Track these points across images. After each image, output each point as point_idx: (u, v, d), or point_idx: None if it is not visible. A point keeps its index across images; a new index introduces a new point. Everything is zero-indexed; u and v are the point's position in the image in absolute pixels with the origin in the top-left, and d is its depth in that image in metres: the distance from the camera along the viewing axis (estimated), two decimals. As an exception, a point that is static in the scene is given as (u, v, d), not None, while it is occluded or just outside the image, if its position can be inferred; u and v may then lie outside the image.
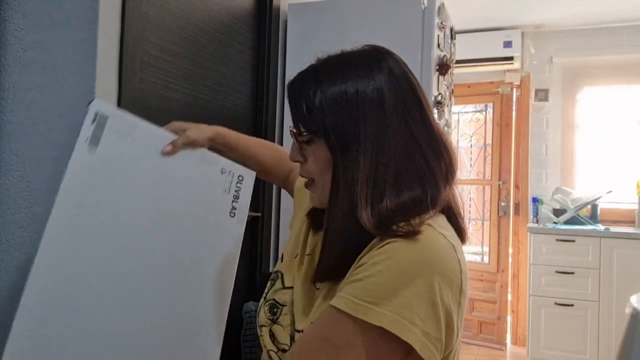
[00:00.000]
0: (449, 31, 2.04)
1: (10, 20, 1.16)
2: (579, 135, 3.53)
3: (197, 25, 1.56)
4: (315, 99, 0.65)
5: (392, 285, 0.57)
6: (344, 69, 0.68)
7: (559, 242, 3.02)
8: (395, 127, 0.64)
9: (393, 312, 0.56)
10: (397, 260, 0.58)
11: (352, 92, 0.64)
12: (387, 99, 0.64)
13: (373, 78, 0.66)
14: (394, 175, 0.63)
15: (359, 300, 0.57)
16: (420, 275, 0.57)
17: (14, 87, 1.16)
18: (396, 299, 0.56)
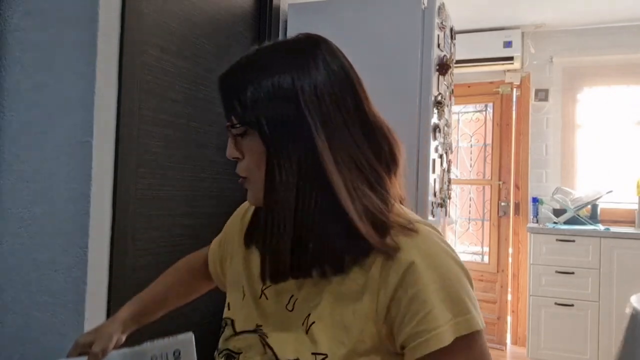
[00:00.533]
0: (449, 31, 2.04)
1: (10, 20, 1.16)
2: (579, 135, 3.53)
3: (197, 25, 1.56)
4: (247, 91, 0.63)
5: (456, 288, 0.61)
6: (277, 59, 0.65)
7: (559, 242, 3.02)
8: (329, 118, 0.63)
9: (476, 311, 0.61)
10: (440, 264, 0.61)
11: (286, 83, 0.62)
12: (321, 90, 0.63)
13: (307, 68, 0.64)
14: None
15: (453, 317, 0.59)
16: (461, 270, 0.63)
17: (14, 88, 1.16)
18: (469, 297, 0.61)
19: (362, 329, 0.62)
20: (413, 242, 0.62)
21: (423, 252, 0.61)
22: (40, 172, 1.13)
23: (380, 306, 0.61)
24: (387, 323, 0.61)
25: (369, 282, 0.62)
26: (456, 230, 3.77)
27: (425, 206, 1.77)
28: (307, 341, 0.64)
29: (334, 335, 0.63)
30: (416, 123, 1.80)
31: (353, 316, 0.62)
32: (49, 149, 1.13)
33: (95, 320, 1.11)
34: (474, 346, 0.61)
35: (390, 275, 0.61)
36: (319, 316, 0.64)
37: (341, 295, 0.64)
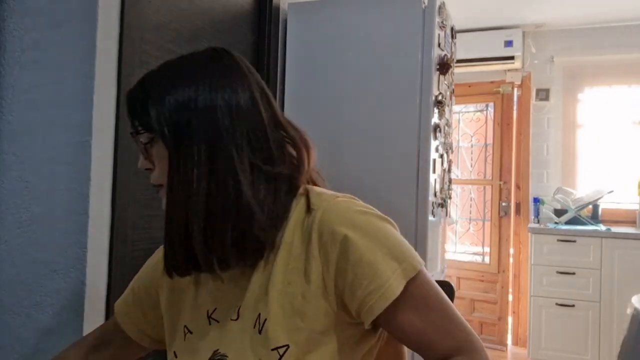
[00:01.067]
0: (449, 30, 2.04)
1: (9, 20, 1.16)
2: (580, 135, 3.53)
3: (197, 25, 1.56)
4: (153, 101, 0.68)
5: (391, 239, 0.66)
6: (182, 71, 0.70)
7: (560, 242, 3.02)
8: (231, 129, 0.66)
9: (414, 252, 0.66)
10: (367, 225, 0.66)
11: (189, 94, 0.67)
12: (222, 101, 0.67)
13: (210, 79, 0.68)
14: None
15: (398, 265, 0.63)
16: (386, 222, 0.69)
17: (13, 87, 1.16)
18: (403, 242, 0.67)
19: (315, 309, 0.65)
20: (335, 216, 0.66)
21: (348, 221, 0.65)
22: (40, 172, 1.13)
23: (327, 282, 0.65)
24: (337, 296, 0.65)
25: (311, 262, 0.65)
26: (457, 230, 3.77)
27: (426, 206, 1.77)
28: (263, 340, 0.65)
29: (288, 324, 0.65)
30: (416, 123, 1.80)
31: (303, 300, 0.65)
32: (48, 149, 1.13)
33: (94, 320, 1.11)
34: (424, 283, 0.66)
35: (329, 252, 0.64)
36: (269, 312, 0.65)
37: (286, 284, 0.66)
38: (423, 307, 0.65)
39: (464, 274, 3.63)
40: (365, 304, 0.63)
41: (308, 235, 0.66)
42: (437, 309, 0.65)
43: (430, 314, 0.64)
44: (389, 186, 1.81)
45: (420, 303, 0.65)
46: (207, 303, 0.73)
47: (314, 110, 1.94)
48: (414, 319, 0.64)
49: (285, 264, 0.67)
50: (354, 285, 0.63)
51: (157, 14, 1.37)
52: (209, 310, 0.72)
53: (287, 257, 0.67)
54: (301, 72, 1.97)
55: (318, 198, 0.69)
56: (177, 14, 1.46)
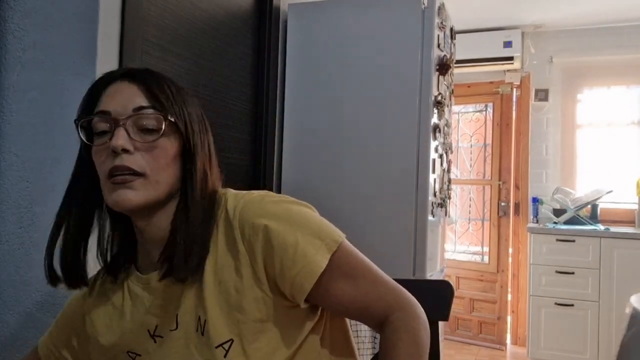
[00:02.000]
0: (449, 31, 2.04)
1: (10, 20, 1.16)
2: (579, 136, 3.53)
3: (197, 25, 1.56)
4: (173, 92, 0.72)
5: (309, 220, 0.69)
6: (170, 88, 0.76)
7: (559, 242, 3.02)
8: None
9: (333, 226, 0.70)
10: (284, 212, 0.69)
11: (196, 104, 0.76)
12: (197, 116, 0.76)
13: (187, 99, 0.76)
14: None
15: (320, 241, 0.66)
16: (301, 205, 0.72)
17: (13, 87, 1.16)
18: (321, 221, 0.70)
19: (251, 300, 0.66)
20: (252, 210, 0.68)
21: (265, 212, 0.68)
22: (40, 172, 1.13)
23: (258, 271, 0.67)
24: (270, 282, 0.67)
25: (240, 258, 0.67)
26: (456, 230, 3.77)
27: (425, 206, 1.78)
28: (206, 340, 0.66)
29: (228, 319, 0.66)
30: (416, 123, 1.80)
31: (237, 294, 0.67)
32: (49, 149, 1.13)
33: (95, 320, 1.11)
34: (347, 253, 0.68)
35: (254, 244, 0.67)
36: (207, 312, 0.67)
37: (217, 283, 0.67)
38: (351, 276, 0.67)
39: (464, 274, 3.64)
40: (296, 284, 0.65)
41: (230, 233, 0.68)
42: (365, 276, 0.68)
43: (359, 280, 0.68)
44: (388, 186, 1.81)
45: (348, 272, 0.67)
46: (146, 322, 0.72)
47: (313, 110, 1.95)
48: (345, 288, 0.67)
49: (213, 266, 0.68)
50: (282, 269, 0.65)
51: (157, 14, 1.37)
52: (149, 330, 0.72)
53: (214, 259, 0.68)
54: (301, 72, 1.97)
55: (234, 198, 0.71)
56: (177, 14, 1.46)
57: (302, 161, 1.94)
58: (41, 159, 1.13)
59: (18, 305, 1.14)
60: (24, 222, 1.14)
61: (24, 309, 1.13)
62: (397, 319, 0.66)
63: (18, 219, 1.14)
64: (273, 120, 1.96)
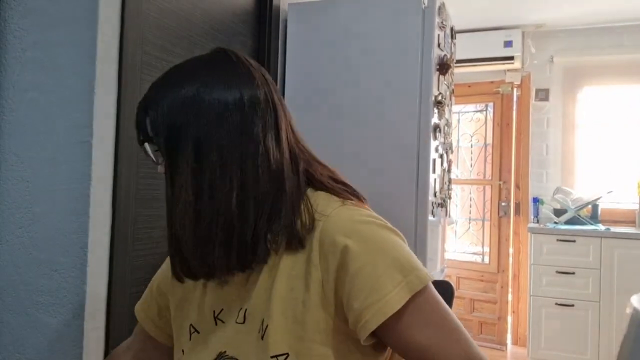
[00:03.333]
0: (449, 31, 2.04)
1: (10, 20, 1.16)
2: (580, 135, 3.53)
3: (197, 25, 1.56)
4: (150, 108, 0.67)
5: (397, 251, 0.63)
6: (178, 74, 0.68)
7: (559, 242, 3.02)
8: (226, 131, 0.64)
9: (422, 266, 0.63)
10: (371, 236, 0.63)
11: (180, 96, 0.65)
12: (217, 102, 0.64)
13: (205, 80, 0.65)
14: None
15: (402, 277, 0.60)
16: (392, 232, 0.66)
17: (13, 87, 1.16)
18: (410, 255, 0.63)
19: (315, 318, 0.63)
20: (337, 225, 0.64)
21: (350, 231, 0.63)
22: (40, 172, 1.13)
23: (327, 291, 0.62)
24: (337, 306, 0.63)
25: (312, 271, 0.63)
26: (456, 230, 3.77)
27: (426, 206, 1.77)
28: (264, 346, 0.64)
29: (289, 332, 0.63)
30: (416, 123, 1.80)
31: (304, 307, 0.63)
32: (49, 149, 1.13)
33: (94, 320, 1.11)
34: (430, 298, 0.62)
35: (330, 261, 0.62)
36: (271, 318, 0.64)
37: (289, 290, 0.65)
38: (427, 323, 0.61)
39: (464, 274, 3.64)
40: (362, 318, 0.60)
41: (310, 242, 0.65)
42: (442, 325, 0.62)
43: (434, 330, 0.61)
44: (388, 186, 1.81)
45: (425, 319, 0.61)
46: (214, 303, 0.72)
47: (313, 110, 1.94)
48: (417, 334, 0.60)
49: (289, 270, 0.65)
50: (351, 297, 0.61)
51: (157, 14, 1.37)
52: (215, 311, 0.72)
53: (291, 263, 0.66)
54: (301, 72, 1.97)
55: (324, 205, 0.67)
56: (177, 14, 1.46)
57: (302, 161, 1.93)
58: (41, 159, 1.13)
59: (18, 305, 1.14)
60: (24, 222, 1.14)
61: (23, 309, 1.13)
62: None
63: (18, 219, 1.14)
64: (273, 120, 1.96)
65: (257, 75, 0.69)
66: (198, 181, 0.63)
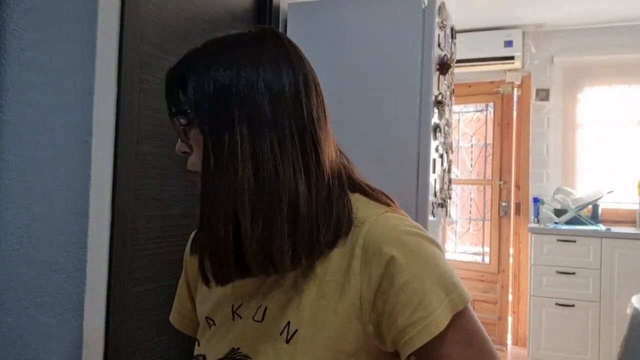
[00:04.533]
0: (449, 30, 2.04)
1: (9, 20, 1.16)
2: (580, 135, 3.53)
3: (197, 25, 1.56)
4: (190, 81, 0.62)
5: (441, 266, 0.60)
6: (222, 50, 0.64)
7: (559, 242, 3.02)
8: (273, 115, 0.59)
9: (461, 283, 0.60)
10: (417, 248, 0.60)
11: (228, 74, 0.61)
12: (264, 83, 0.60)
13: (252, 60, 0.61)
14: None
15: (446, 296, 0.58)
16: (435, 246, 0.62)
17: (13, 87, 1.16)
18: (452, 271, 0.61)
19: (346, 329, 0.60)
20: (383, 233, 0.60)
21: (397, 241, 0.59)
22: (40, 172, 1.13)
23: (364, 303, 0.59)
24: (373, 319, 0.59)
25: (350, 279, 0.60)
26: (457, 230, 3.77)
27: (426, 206, 1.77)
28: (291, 351, 0.61)
29: (317, 340, 0.60)
30: (416, 123, 1.80)
31: (335, 316, 0.60)
32: (48, 149, 1.13)
33: (94, 320, 1.11)
34: (470, 318, 0.60)
35: (373, 271, 0.59)
36: (300, 322, 0.61)
37: (320, 296, 0.61)
38: (465, 343, 0.59)
39: (464, 274, 3.64)
40: (406, 334, 0.57)
41: (351, 249, 0.61)
42: (479, 346, 0.60)
43: (472, 350, 0.59)
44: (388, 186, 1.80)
45: (463, 339, 0.59)
46: (235, 297, 0.69)
47: (314, 110, 1.94)
48: (455, 354, 0.58)
49: (322, 274, 0.62)
50: (394, 312, 0.58)
51: (157, 13, 1.37)
52: (234, 305, 0.69)
53: (325, 268, 0.62)
54: (301, 72, 1.97)
55: (365, 210, 0.64)
56: (177, 13, 1.46)
57: (302, 161, 1.93)
58: (40, 159, 1.13)
59: (17, 306, 1.14)
60: (23, 222, 1.14)
61: (23, 309, 1.13)
62: None
63: (17, 219, 1.14)
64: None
65: (307, 63, 0.66)
66: (258, 162, 0.58)
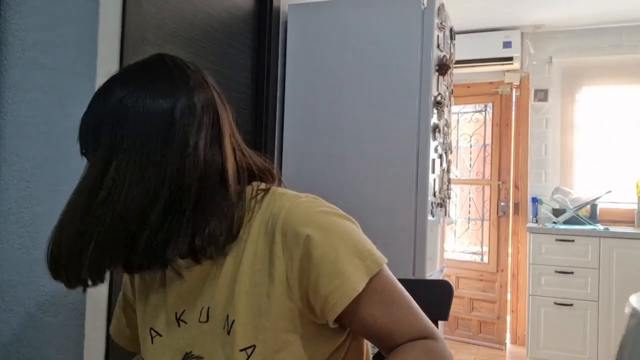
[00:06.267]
0: (448, 31, 2.05)
1: (10, 20, 1.16)
2: (578, 136, 3.54)
3: (197, 25, 1.56)
4: (86, 113, 0.69)
5: (354, 237, 0.66)
6: (118, 80, 0.69)
7: (558, 242, 3.02)
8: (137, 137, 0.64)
9: (376, 248, 0.67)
10: (330, 225, 0.66)
11: (113, 102, 0.66)
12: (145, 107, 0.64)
13: (140, 89, 0.65)
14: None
15: (360, 262, 0.64)
16: (348, 220, 0.68)
17: (14, 87, 1.16)
18: (365, 240, 0.67)
19: (280, 309, 0.65)
20: (298, 216, 0.65)
21: (311, 221, 0.65)
22: (41, 172, 1.13)
23: (292, 282, 0.64)
24: (302, 295, 0.65)
25: (275, 262, 0.65)
26: (456, 230, 3.77)
27: (425, 206, 1.78)
28: (231, 341, 0.65)
29: (255, 324, 0.65)
30: (416, 123, 1.81)
31: (269, 299, 0.65)
32: (49, 148, 1.13)
33: (95, 320, 1.12)
34: (387, 279, 0.66)
35: (293, 252, 0.64)
36: (236, 313, 0.65)
37: (252, 285, 0.66)
38: (386, 302, 0.65)
39: (463, 273, 3.64)
40: (329, 302, 0.63)
41: (272, 235, 0.66)
42: (399, 303, 0.66)
43: (393, 307, 0.65)
44: (388, 186, 1.81)
45: (383, 298, 0.65)
46: (176, 304, 0.72)
47: (313, 111, 1.95)
48: (377, 313, 0.65)
49: (251, 265, 0.66)
50: (317, 284, 0.63)
51: (157, 14, 1.37)
52: (177, 312, 0.72)
53: (253, 258, 0.67)
54: (301, 73, 1.97)
55: (281, 198, 0.69)
56: (177, 14, 1.46)
57: (301, 161, 1.94)
58: (41, 159, 1.14)
59: (18, 306, 1.14)
60: (24, 222, 1.14)
61: (24, 309, 1.13)
62: (423, 342, 0.65)
63: (18, 219, 1.14)
64: (273, 121, 1.97)
65: (195, 80, 0.68)
66: (98, 181, 0.66)
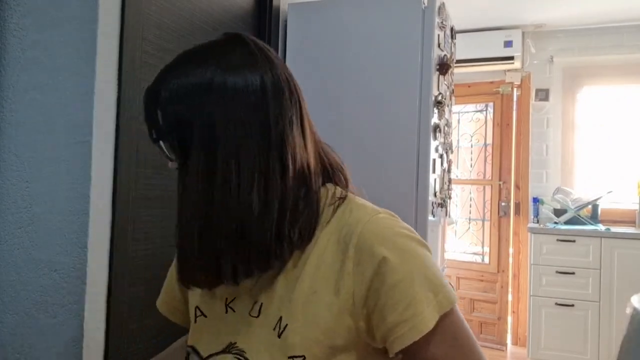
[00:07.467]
0: (449, 31, 2.04)
1: (10, 20, 1.16)
2: (580, 135, 3.53)
3: (197, 25, 1.56)
4: (163, 95, 0.62)
5: (429, 268, 0.62)
6: (188, 61, 0.64)
7: (559, 242, 3.02)
8: (233, 119, 0.59)
9: (448, 284, 0.63)
10: (407, 250, 0.62)
11: (199, 82, 0.60)
12: (232, 90, 0.60)
13: (227, 66, 0.61)
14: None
15: (434, 296, 0.60)
16: (425, 248, 0.65)
17: (13, 87, 1.16)
18: (439, 273, 0.63)
19: (338, 324, 0.61)
20: (376, 234, 0.62)
21: (389, 243, 0.61)
22: (40, 172, 1.13)
23: (357, 300, 0.61)
24: (364, 315, 0.61)
25: (344, 276, 0.61)
26: (456, 230, 3.77)
27: (426, 206, 1.77)
28: (282, 346, 0.62)
29: (308, 334, 0.62)
30: (416, 123, 1.80)
31: (328, 312, 0.61)
32: (49, 149, 1.13)
33: (94, 320, 1.11)
34: (456, 318, 0.63)
35: (365, 270, 0.61)
36: (291, 317, 0.63)
37: (312, 292, 0.63)
38: (450, 344, 0.61)
39: (464, 274, 3.64)
40: (395, 332, 0.59)
41: (344, 247, 0.62)
42: (463, 346, 0.62)
43: (456, 351, 0.62)
44: (388, 186, 1.81)
45: (449, 339, 0.61)
46: (227, 290, 0.69)
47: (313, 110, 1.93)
48: (439, 353, 0.61)
49: (314, 271, 0.63)
50: (385, 310, 0.60)
51: (157, 14, 1.37)
52: (227, 298, 0.69)
53: (317, 264, 0.63)
54: (301, 72, 1.97)
55: (359, 210, 0.65)
56: (177, 14, 1.46)
57: (302, 161, 1.93)
58: (41, 159, 1.13)
59: (17, 306, 1.14)
60: (23, 222, 1.14)
61: (23, 309, 1.13)
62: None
63: (18, 219, 1.14)
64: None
65: (279, 63, 0.65)
66: (209, 181, 0.59)
